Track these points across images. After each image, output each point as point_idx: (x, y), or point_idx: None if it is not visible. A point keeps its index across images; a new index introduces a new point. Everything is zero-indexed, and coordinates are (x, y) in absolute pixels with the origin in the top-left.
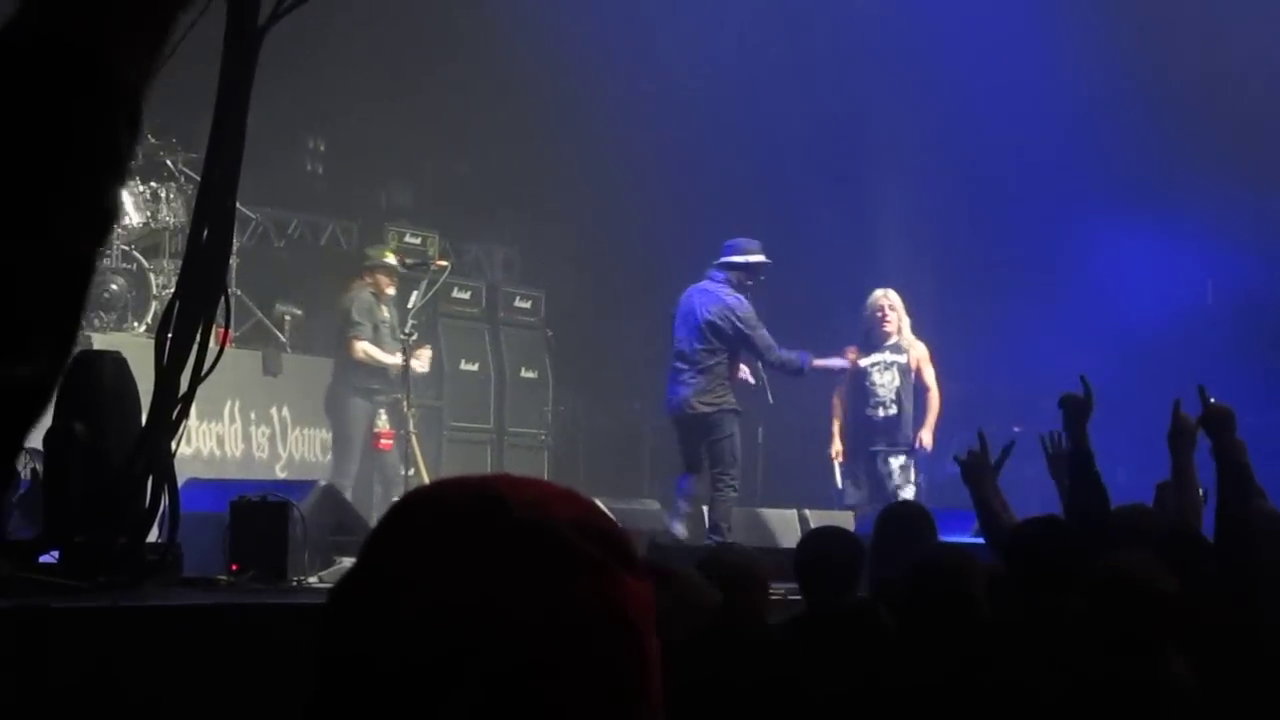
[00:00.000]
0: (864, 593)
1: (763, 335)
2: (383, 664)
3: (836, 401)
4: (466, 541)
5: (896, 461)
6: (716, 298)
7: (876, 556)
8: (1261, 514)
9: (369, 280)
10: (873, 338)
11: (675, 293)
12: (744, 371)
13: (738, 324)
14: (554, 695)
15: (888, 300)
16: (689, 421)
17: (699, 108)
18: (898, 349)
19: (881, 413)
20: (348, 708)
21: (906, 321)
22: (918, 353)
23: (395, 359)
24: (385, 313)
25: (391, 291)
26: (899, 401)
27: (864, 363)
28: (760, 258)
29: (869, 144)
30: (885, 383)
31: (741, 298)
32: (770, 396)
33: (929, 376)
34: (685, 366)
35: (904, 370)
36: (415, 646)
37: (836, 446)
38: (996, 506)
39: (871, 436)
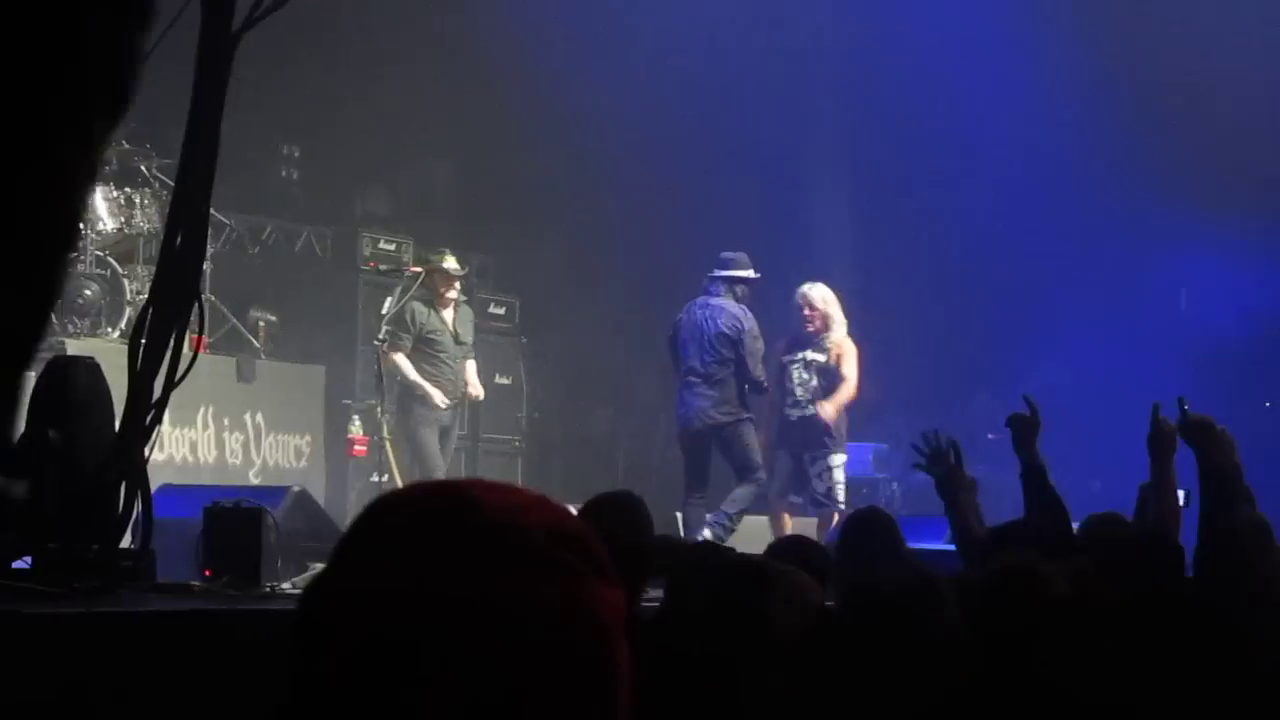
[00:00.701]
0: (830, 601)
1: (759, 350)
2: (356, 667)
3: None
4: (439, 545)
5: (825, 464)
6: (724, 310)
7: (842, 565)
8: (1247, 521)
9: (427, 285)
10: (797, 332)
11: (649, 299)
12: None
13: (743, 335)
14: (525, 698)
15: (808, 297)
16: (708, 433)
17: (674, 115)
18: (821, 348)
19: (797, 413)
20: (321, 712)
21: (838, 321)
22: (840, 350)
23: (423, 383)
24: (441, 320)
25: (452, 296)
26: (814, 402)
27: (785, 359)
28: (751, 273)
29: (844, 151)
30: (803, 382)
31: (746, 310)
32: None
33: (848, 368)
34: (698, 380)
35: (822, 370)
36: (388, 650)
37: (761, 440)
38: (971, 521)
39: (789, 436)
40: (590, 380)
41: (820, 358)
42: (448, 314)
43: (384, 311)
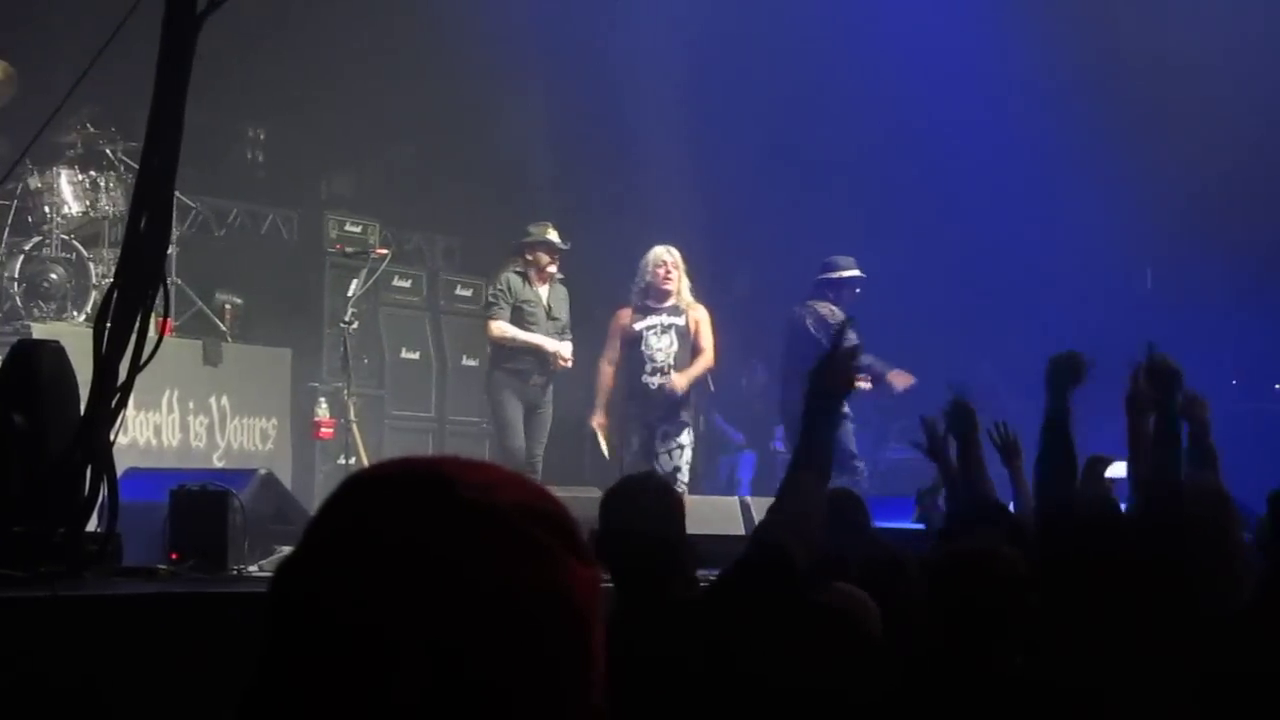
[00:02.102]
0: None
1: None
2: (328, 648)
3: (605, 367)
4: (412, 523)
5: (677, 440)
6: (814, 313)
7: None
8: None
9: (527, 258)
10: (650, 296)
11: (616, 282)
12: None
13: (828, 330)
14: (499, 678)
15: (671, 257)
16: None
17: (643, 99)
18: (676, 311)
19: (657, 380)
20: (293, 694)
21: (686, 283)
22: (697, 315)
23: (534, 337)
24: (536, 293)
25: (553, 270)
26: (676, 368)
27: (639, 325)
28: (854, 272)
29: (816, 131)
30: (663, 347)
31: (834, 309)
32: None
33: (705, 339)
34: (794, 376)
35: (682, 334)
36: (360, 630)
37: (600, 417)
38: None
39: (647, 406)
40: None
41: (679, 321)
42: (543, 289)
43: (350, 294)
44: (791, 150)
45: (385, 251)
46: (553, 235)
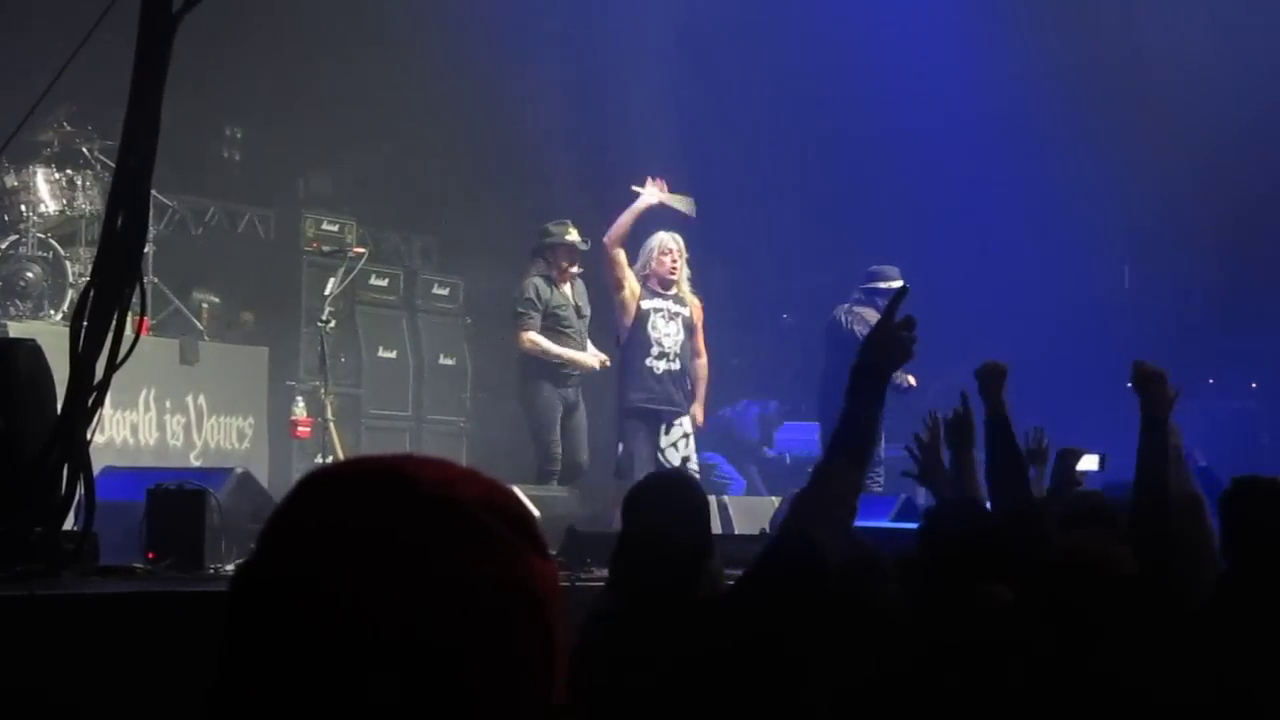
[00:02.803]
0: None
1: None
2: (291, 646)
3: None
4: (373, 521)
5: (682, 429)
6: (860, 317)
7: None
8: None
9: (548, 260)
10: (651, 283)
11: (590, 280)
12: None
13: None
14: (462, 674)
15: (676, 245)
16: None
17: (614, 97)
18: (680, 300)
19: (664, 365)
20: (256, 693)
21: (687, 272)
22: (694, 309)
23: (568, 352)
24: (563, 295)
25: (576, 271)
26: (682, 356)
27: (646, 304)
28: (899, 283)
29: (798, 128)
30: (670, 334)
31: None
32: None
33: (701, 340)
34: (832, 377)
35: (688, 326)
36: (323, 628)
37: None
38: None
39: (652, 395)
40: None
41: (685, 312)
42: (567, 289)
43: (327, 293)
44: (772, 148)
45: (362, 250)
46: (573, 236)
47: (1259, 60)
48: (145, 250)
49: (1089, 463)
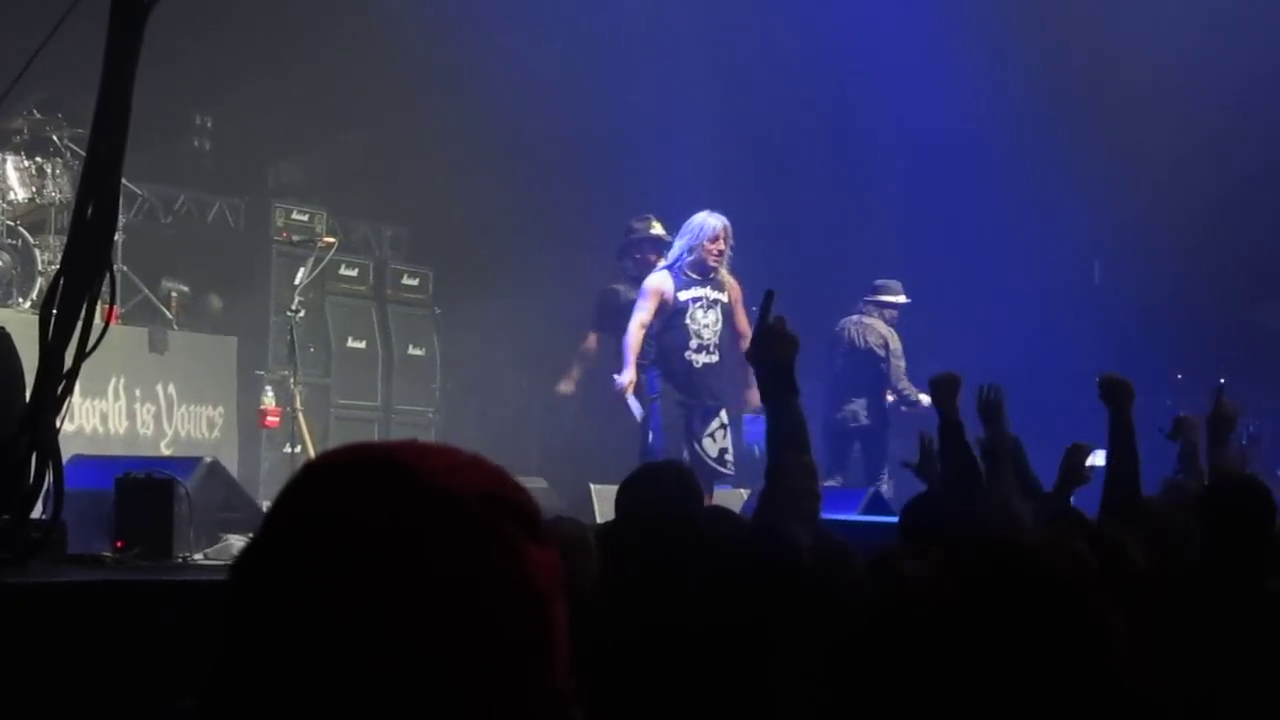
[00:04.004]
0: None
1: (900, 366)
2: (290, 638)
3: (638, 330)
4: (372, 513)
5: (720, 420)
6: (873, 329)
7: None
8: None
9: (634, 260)
10: (694, 268)
11: (564, 272)
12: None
13: (887, 354)
14: (462, 668)
15: (726, 231)
16: (852, 432)
17: (588, 87)
18: (719, 285)
19: (703, 359)
20: (257, 684)
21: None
22: (733, 291)
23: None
24: None
25: (661, 264)
26: (721, 348)
27: (685, 296)
28: (902, 298)
29: (769, 131)
30: (709, 323)
31: (893, 331)
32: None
33: (744, 321)
34: (846, 388)
35: (726, 312)
36: (322, 621)
37: (630, 375)
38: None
39: (689, 389)
40: (504, 352)
41: (723, 298)
42: None
43: (296, 282)
44: (747, 147)
45: (332, 240)
46: (658, 229)
47: (1227, 60)
48: (115, 239)
49: (1099, 458)
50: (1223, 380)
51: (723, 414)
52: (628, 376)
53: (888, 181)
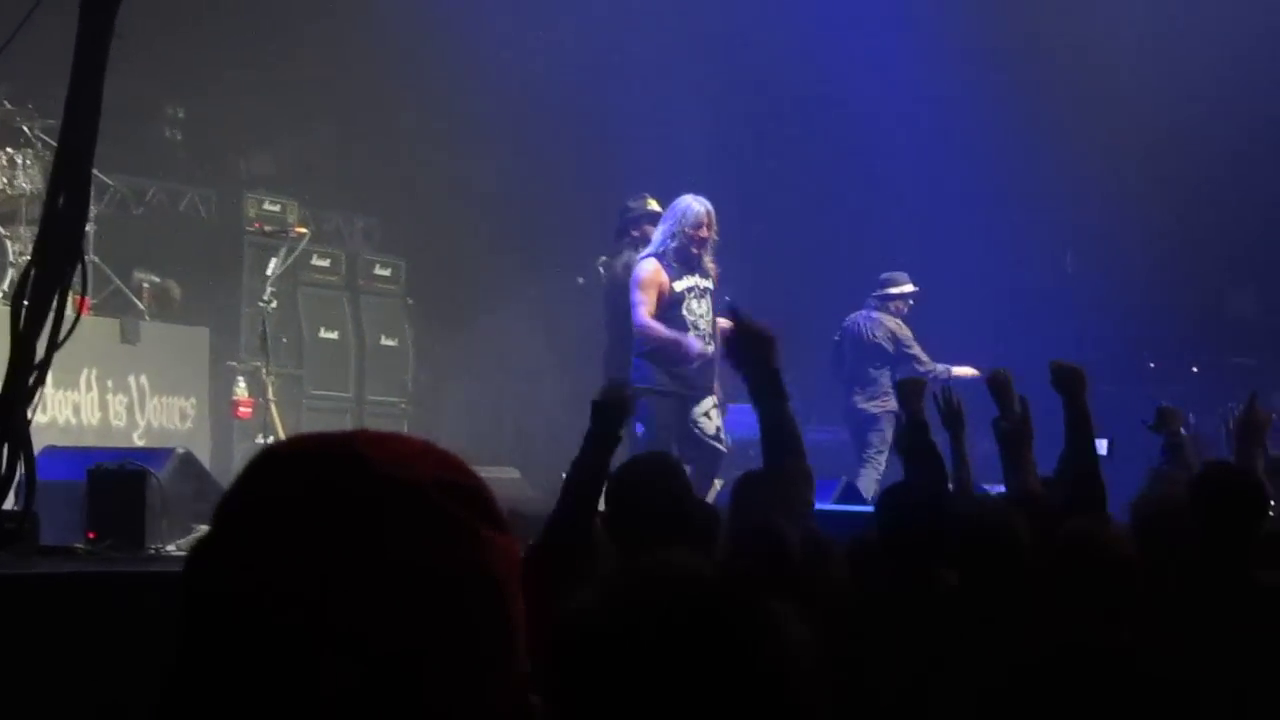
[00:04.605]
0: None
1: (919, 352)
2: (247, 629)
3: (653, 321)
4: (327, 502)
5: (713, 400)
6: (880, 323)
7: (733, 526)
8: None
9: (634, 234)
10: (680, 258)
11: (537, 262)
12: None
13: (899, 343)
14: (422, 655)
15: (710, 216)
16: (861, 420)
17: (559, 79)
18: (705, 273)
19: (701, 349)
20: (214, 676)
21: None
22: (714, 277)
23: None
24: None
25: None
26: (715, 337)
27: (680, 286)
28: (910, 288)
29: (741, 119)
30: (703, 312)
31: (900, 322)
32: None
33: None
34: (855, 380)
35: (715, 300)
36: (279, 611)
37: (688, 337)
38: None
39: (688, 381)
40: (477, 343)
41: (709, 286)
42: None
43: (268, 273)
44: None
45: (304, 230)
46: (655, 206)
47: (1198, 50)
48: (86, 230)
49: (1099, 447)
50: (1254, 391)
51: (715, 391)
52: (691, 340)
53: (860, 172)
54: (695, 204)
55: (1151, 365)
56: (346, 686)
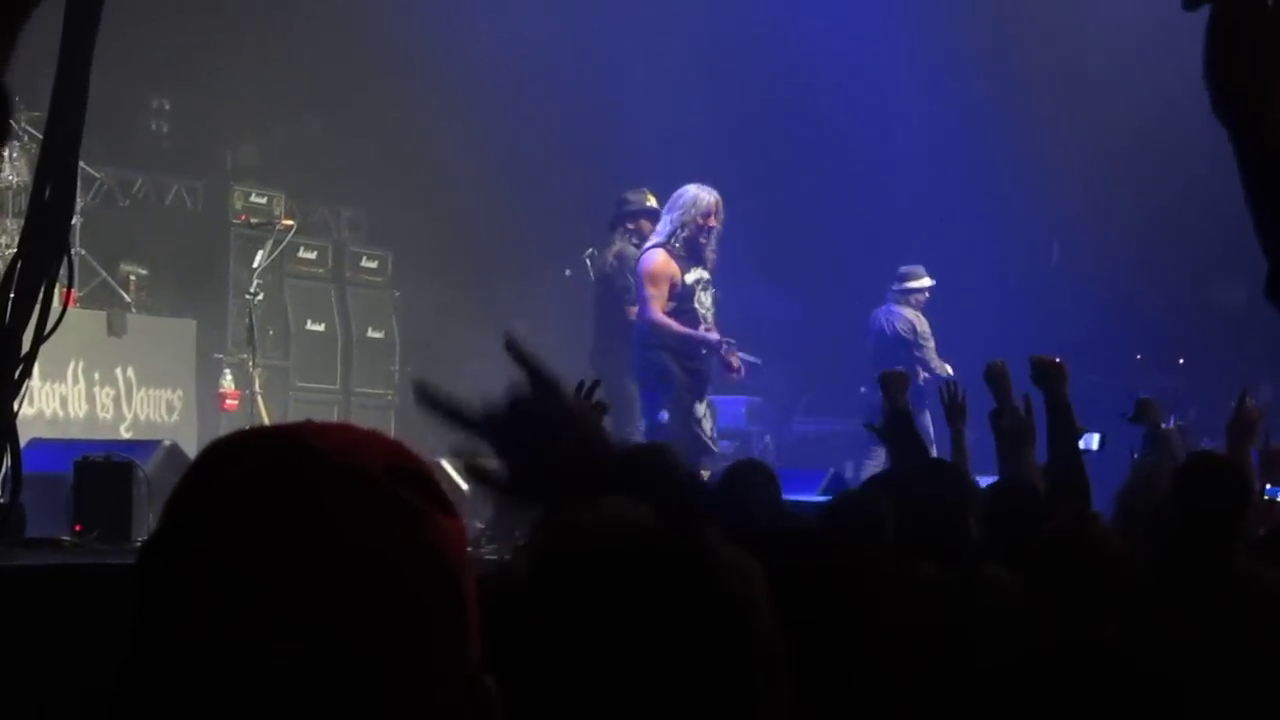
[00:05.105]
0: None
1: (929, 350)
2: (201, 620)
3: (665, 317)
4: (277, 491)
5: (708, 398)
6: (901, 316)
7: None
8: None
9: (629, 227)
10: (688, 248)
11: (522, 254)
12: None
13: (916, 338)
14: (375, 642)
15: (719, 206)
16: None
17: (545, 70)
18: (708, 265)
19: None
20: (167, 666)
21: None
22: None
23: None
24: None
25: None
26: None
27: (690, 278)
28: (927, 281)
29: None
30: (710, 304)
31: (920, 315)
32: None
33: None
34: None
35: (717, 294)
36: (233, 601)
37: (711, 334)
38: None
39: (699, 375)
40: (464, 333)
41: (709, 276)
42: None
43: (255, 265)
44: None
45: (291, 222)
46: (653, 202)
47: (1185, 41)
48: (73, 222)
49: (1090, 441)
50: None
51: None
52: (715, 336)
53: (845, 168)
54: (704, 193)
55: (1138, 357)
56: (300, 672)
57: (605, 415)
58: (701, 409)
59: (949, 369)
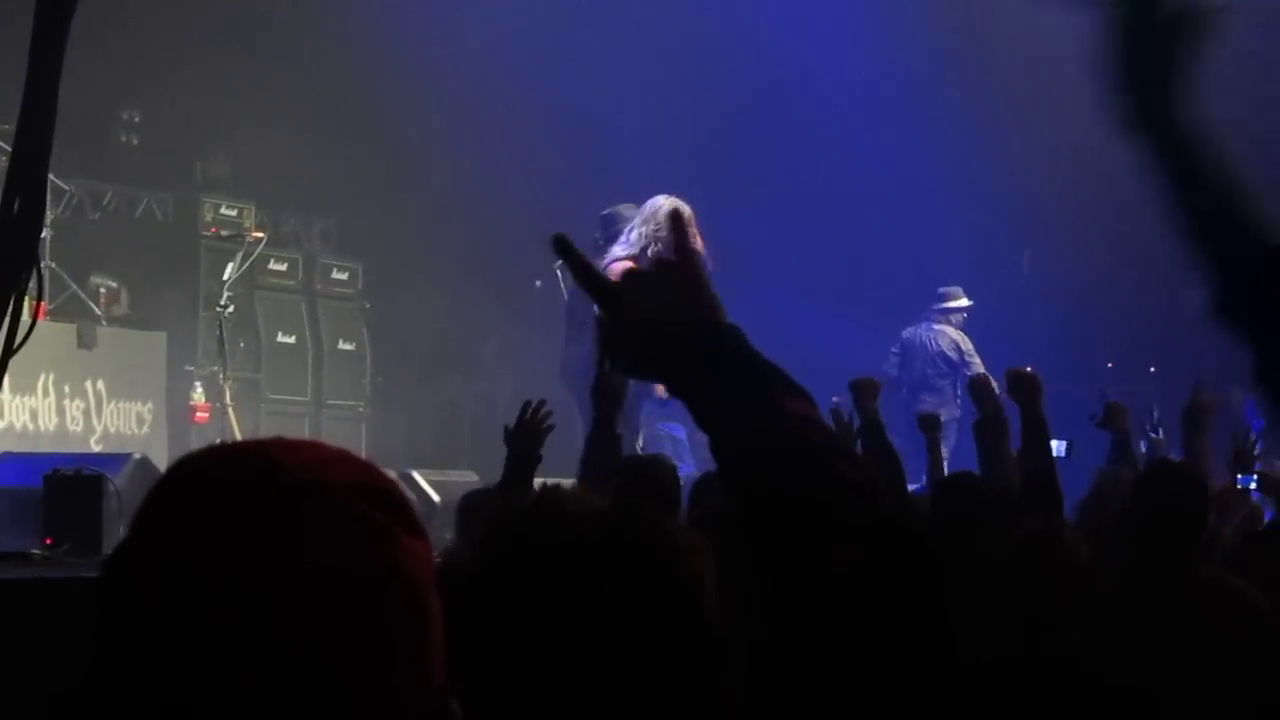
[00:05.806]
0: None
1: (978, 362)
2: (163, 636)
3: None
4: (243, 508)
5: (669, 430)
6: (944, 334)
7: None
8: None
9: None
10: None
11: (493, 265)
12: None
13: (962, 353)
14: (338, 662)
15: (692, 218)
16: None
17: (517, 81)
18: None
19: None
20: (128, 682)
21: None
22: None
23: None
24: None
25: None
26: None
27: None
28: (965, 302)
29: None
30: None
31: (963, 334)
32: None
33: None
34: (923, 388)
35: None
36: (195, 617)
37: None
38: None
39: (665, 406)
40: (435, 345)
41: None
42: None
43: (225, 277)
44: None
45: (261, 234)
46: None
47: None
48: (43, 235)
49: (1060, 449)
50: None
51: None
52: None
53: (814, 170)
54: (668, 204)
55: (1109, 365)
56: (262, 689)
57: (552, 432)
58: (666, 431)
59: (994, 384)
